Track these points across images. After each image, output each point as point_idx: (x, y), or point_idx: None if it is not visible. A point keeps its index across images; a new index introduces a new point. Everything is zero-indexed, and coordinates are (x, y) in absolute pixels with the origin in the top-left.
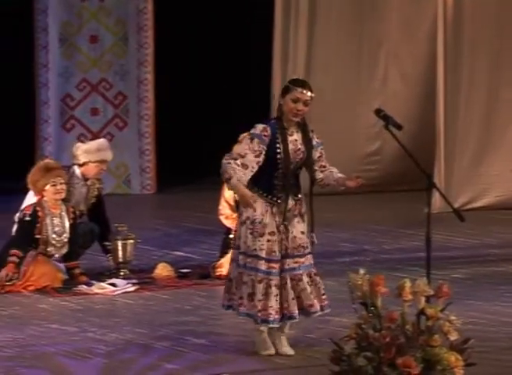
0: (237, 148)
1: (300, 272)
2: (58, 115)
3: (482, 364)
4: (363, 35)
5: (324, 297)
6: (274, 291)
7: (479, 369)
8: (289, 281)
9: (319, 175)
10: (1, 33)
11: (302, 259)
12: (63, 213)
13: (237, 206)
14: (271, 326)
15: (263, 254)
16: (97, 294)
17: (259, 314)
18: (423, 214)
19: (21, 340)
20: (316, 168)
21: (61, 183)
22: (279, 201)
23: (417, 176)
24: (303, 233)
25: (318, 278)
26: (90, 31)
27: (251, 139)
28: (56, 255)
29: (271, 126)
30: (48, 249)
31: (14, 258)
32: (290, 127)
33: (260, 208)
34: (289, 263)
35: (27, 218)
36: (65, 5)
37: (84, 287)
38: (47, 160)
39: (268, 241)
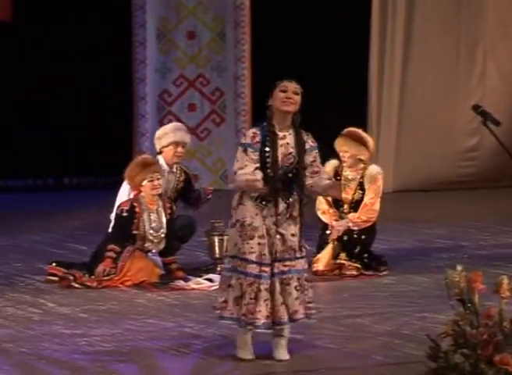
0: (235, 167)
1: (290, 276)
2: (155, 110)
3: None
4: (460, 32)
5: (310, 305)
6: (264, 295)
7: None
8: (278, 285)
9: (309, 181)
10: (100, 30)
11: (293, 263)
12: (160, 209)
13: (335, 201)
14: (258, 330)
15: (253, 257)
16: (193, 289)
17: (244, 317)
18: None
19: (118, 334)
20: (308, 173)
21: (158, 179)
22: (268, 204)
23: None
24: (293, 235)
25: (307, 285)
26: (188, 27)
27: (245, 151)
28: (153, 251)
29: (261, 130)
30: (146, 245)
31: (111, 254)
32: (282, 130)
33: (249, 211)
34: (279, 266)
35: (124, 214)
36: (163, 1)
37: (181, 282)
38: (144, 156)
39: (259, 244)
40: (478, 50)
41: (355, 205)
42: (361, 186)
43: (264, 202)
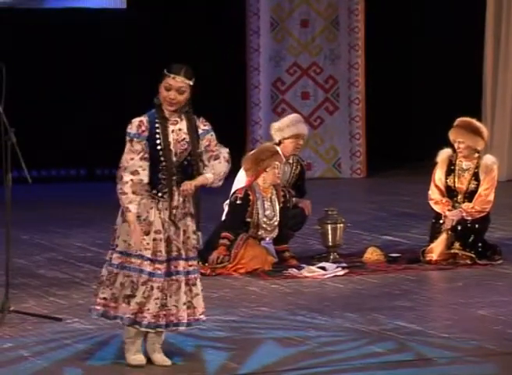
0: (123, 159)
1: (195, 275)
2: (268, 99)
3: None
4: None
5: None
6: (155, 293)
7: None
8: (183, 285)
9: (205, 169)
10: (214, 18)
11: (195, 262)
12: (274, 197)
13: (449, 191)
14: (143, 329)
15: (148, 254)
16: (306, 277)
17: (132, 316)
18: None
19: (231, 322)
20: (205, 160)
21: (279, 169)
22: (164, 196)
23: None
24: (194, 233)
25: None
26: (301, 15)
27: (130, 141)
28: (267, 239)
29: (149, 117)
30: (259, 232)
31: (225, 241)
32: (173, 115)
33: (144, 204)
34: (185, 266)
35: (239, 201)
36: None
37: (294, 270)
38: (272, 144)
39: (154, 239)
40: None
41: (469, 196)
42: (476, 176)
43: (160, 194)
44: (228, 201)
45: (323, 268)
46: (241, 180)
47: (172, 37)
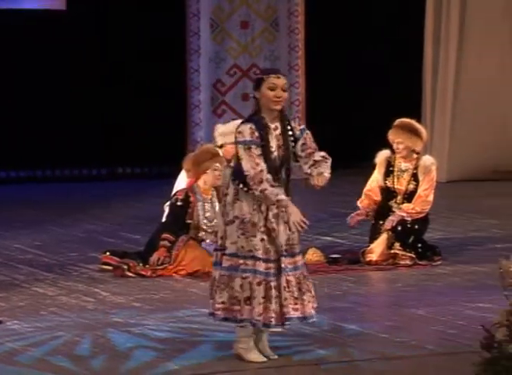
0: (247, 168)
1: (304, 270)
2: (209, 100)
3: None
4: None
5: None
6: (274, 293)
7: None
8: (294, 281)
9: (307, 170)
10: (154, 20)
11: (301, 256)
12: (214, 199)
13: (388, 192)
14: (273, 330)
15: (260, 254)
16: None
17: (260, 318)
18: None
19: (172, 324)
20: (304, 157)
21: (219, 171)
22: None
23: None
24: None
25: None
26: (241, 17)
27: (249, 149)
28: (207, 240)
29: (255, 124)
30: (199, 234)
31: (166, 243)
32: (273, 121)
33: (247, 207)
34: (293, 262)
35: (179, 203)
36: None
37: None
38: (213, 146)
39: (262, 240)
40: None
41: (408, 196)
42: (415, 177)
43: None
44: (168, 203)
45: None
46: (182, 181)
47: (111, 39)
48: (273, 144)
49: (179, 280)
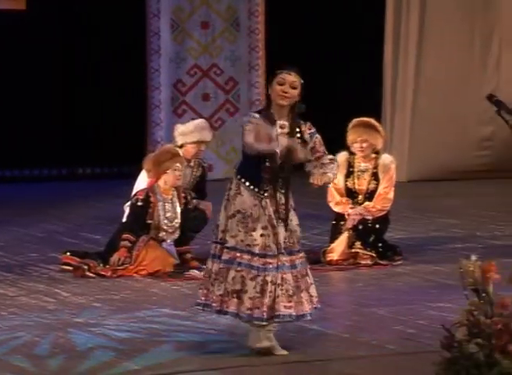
0: (245, 138)
1: (305, 267)
2: (169, 100)
3: None
4: (475, 20)
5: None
6: (269, 287)
7: None
8: (291, 278)
9: (311, 169)
10: (114, 20)
11: (301, 254)
12: (175, 199)
13: (349, 192)
14: (263, 324)
15: (256, 249)
16: None
17: (249, 312)
18: None
19: (132, 324)
20: (312, 161)
21: (180, 171)
22: (265, 194)
23: None
24: (298, 225)
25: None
26: (202, 17)
27: (250, 121)
28: (168, 240)
29: (262, 117)
30: (160, 234)
31: (126, 243)
32: (281, 119)
33: (248, 202)
34: (292, 259)
35: (140, 203)
36: None
37: (195, 271)
38: (174, 146)
39: (262, 235)
40: (494, 39)
41: (370, 196)
42: (375, 176)
43: (262, 192)
44: (129, 203)
45: None
46: (142, 181)
47: (72, 39)
48: (279, 140)
49: (139, 280)
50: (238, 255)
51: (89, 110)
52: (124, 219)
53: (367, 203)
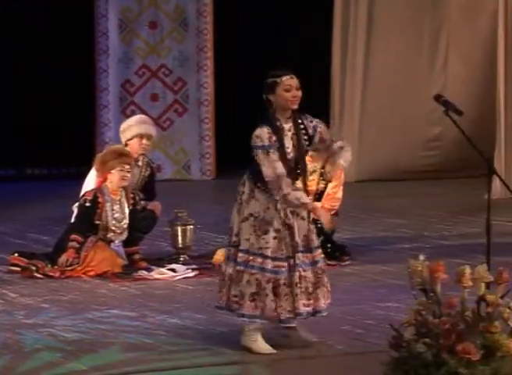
0: (267, 173)
1: (323, 264)
2: (117, 101)
3: None
4: (423, 20)
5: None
6: (283, 290)
7: None
8: (311, 276)
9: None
10: (62, 20)
11: (319, 251)
12: (123, 199)
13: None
14: (286, 325)
15: (269, 253)
16: (156, 279)
17: (274, 314)
18: (483, 200)
19: (80, 325)
20: (321, 149)
21: (127, 171)
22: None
23: (478, 162)
24: (311, 224)
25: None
26: (150, 17)
27: (267, 153)
28: (116, 241)
29: (272, 129)
30: (108, 235)
31: (74, 244)
32: (287, 122)
33: (262, 205)
34: (315, 256)
35: (88, 204)
36: None
37: (144, 272)
38: (123, 147)
39: (275, 238)
40: (441, 38)
41: (319, 196)
42: (324, 176)
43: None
44: (77, 204)
45: (173, 270)
46: (90, 182)
47: (20, 39)
48: (289, 145)
49: (87, 281)
50: (251, 258)
51: (37, 110)
52: (72, 220)
53: (316, 203)
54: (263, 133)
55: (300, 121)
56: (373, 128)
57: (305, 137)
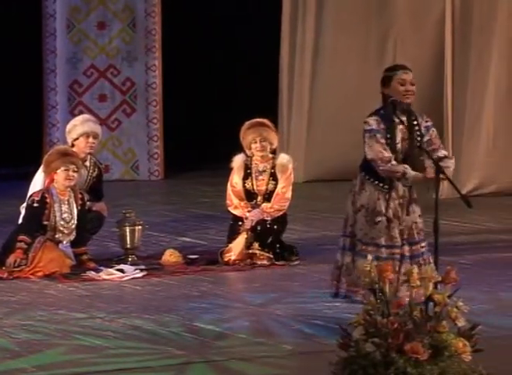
0: (372, 153)
1: (428, 256)
2: (66, 101)
3: (489, 350)
4: (370, 23)
5: None
6: (399, 276)
7: (486, 355)
8: (415, 267)
9: (427, 162)
10: (9, 20)
11: (425, 243)
12: (71, 200)
13: (248, 194)
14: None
15: (382, 241)
16: (105, 280)
17: None
18: (431, 200)
19: (29, 325)
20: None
21: (74, 171)
22: (386, 187)
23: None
24: (420, 216)
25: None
26: (98, 17)
27: (374, 136)
28: (64, 242)
29: (381, 118)
30: (56, 236)
31: (22, 244)
32: (400, 116)
33: (372, 196)
34: (415, 249)
35: (35, 204)
36: None
37: (92, 273)
38: (68, 147)
39: (386, 227)
40: (389, 41)
41: (269, 196)
42: (273, 176)
43: (386, 186)
44: (25, 204)
45: (121, 270)
46: (37, 182)
47: None
48: (398, 137)
49: (36, 281)
50: (364, 247)
51: None
52: (20, 221)
53: (265, 204)
54: (371, 120)
55: (413, 118)
56: (321, 129)
57: (417, 133)
